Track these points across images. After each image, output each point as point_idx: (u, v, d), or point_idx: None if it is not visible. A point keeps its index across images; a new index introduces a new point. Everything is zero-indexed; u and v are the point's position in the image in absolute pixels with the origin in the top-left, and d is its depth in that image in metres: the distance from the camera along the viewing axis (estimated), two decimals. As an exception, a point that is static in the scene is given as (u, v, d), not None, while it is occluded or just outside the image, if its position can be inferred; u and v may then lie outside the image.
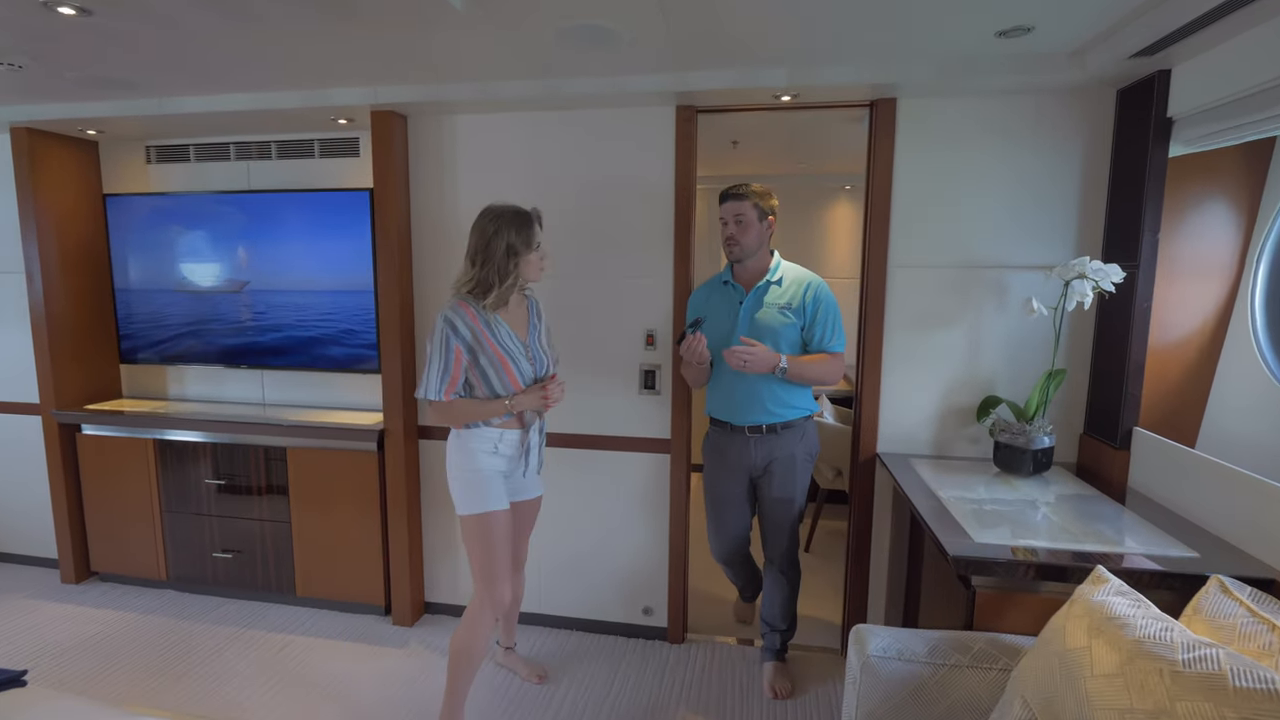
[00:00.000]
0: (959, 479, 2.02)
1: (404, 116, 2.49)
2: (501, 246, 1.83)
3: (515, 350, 1.92)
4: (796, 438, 2.16)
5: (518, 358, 1.92)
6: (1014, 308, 2.17)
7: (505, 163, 2.47)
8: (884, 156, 2.19)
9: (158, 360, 3.03)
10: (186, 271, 2.93)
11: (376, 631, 2.66)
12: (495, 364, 1.88)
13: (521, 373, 1.92)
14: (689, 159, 2.32)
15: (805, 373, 2.06)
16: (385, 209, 2.47)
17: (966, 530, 1.62)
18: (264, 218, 2.82)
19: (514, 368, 1.91)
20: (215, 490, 2.82)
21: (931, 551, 2.20)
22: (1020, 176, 2.13)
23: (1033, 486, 1.94)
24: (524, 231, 1.84)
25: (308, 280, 2.80)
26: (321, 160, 2.83)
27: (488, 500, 1.93)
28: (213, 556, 2.86)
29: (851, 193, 4.41)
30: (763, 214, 2.10)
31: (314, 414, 2.84)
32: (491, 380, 1.90)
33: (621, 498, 2.56)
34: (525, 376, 1.93)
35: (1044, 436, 1.96)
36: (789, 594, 2.28)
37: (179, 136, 2.93)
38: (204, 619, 2.75)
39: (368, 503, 2.67)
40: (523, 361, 1.93)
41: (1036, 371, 2.17)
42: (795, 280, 2.12)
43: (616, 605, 2.62)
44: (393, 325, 2.53)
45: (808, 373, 2.07)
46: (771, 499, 2.21)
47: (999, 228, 2.16)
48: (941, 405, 2.25)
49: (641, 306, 2.45)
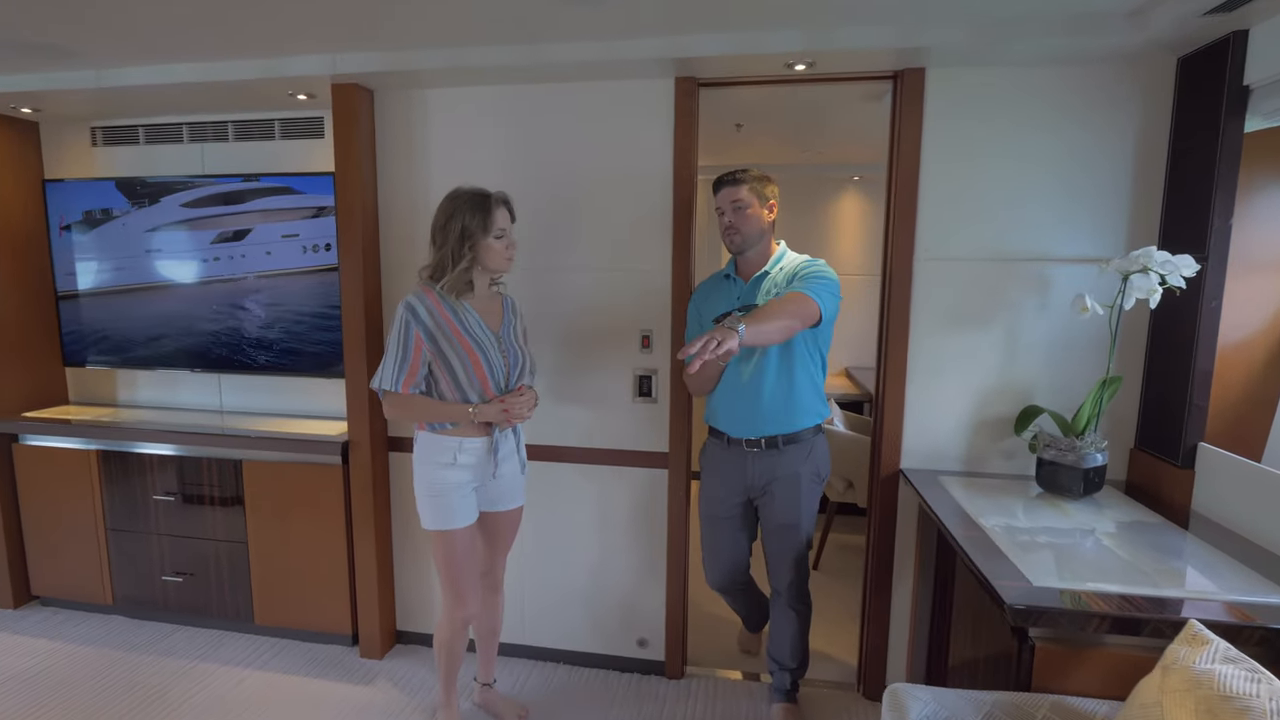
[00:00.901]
0: (997, 501, 1.77)
1: (370, 91, 2.22)
2: (457, 229, 1.70)
3: (485, 340, 1.75)
4: (802, 454, 1.90)
5: (488, 348, 1.75)
6: (1057, 306, 1.92)
7: (482, 143, 2.21)
8: (910, 135, 1.93)
9: (106, 363, 2.76)
10: (136, 265, 2.65)
11: (342, 665, 2.40)
12: (461, 354, 1.71)
13: (491, 364, 1.74)
14: (689, 138, 2.06)
15: (764, 324, 1.59)
16: (348, 193, 2.21)
17: (1019, 568, 1.37)
18: (220, 206, 2.55)
19: (482, 358, 1.73)
20: (164, 507, 2.55)
21: (966, 581, 1.94)
22: (1064, 158, 1.88)
23: (1085, 511, 1.69)
24: (480, 215, 1.69)
25: (269, 274, 2.54)
26: (283, 142, 2.56)
27: (449, 516, 1.78)
28: (162, 579, 2.59)
29: (860, 184, 4.16)
30: (763, 200, 1.86)
31: (276, 423, 2.58)
32: (458, 373, 1.72)
33: (613, 517, 2.30)
34: (496, 369, 1.75)
35: (1096, 453, 1.71)
36: (798, 629, 2.03)
37: (126, 116, 2.66)
38: (152, 649, 2.48)
39: (332, 521, 2.40)
40: (493, 352, 1.75)
41: (1083, 378, 1.92)
42: (794, 265, 1.88)
43: (608, 636, 2.36)
44: (356, 322, 2.26)
45: (767, 322, 1.60)
46: (773, 525, 1.96)
47: (1040, 216, 1.91)
48: (974, 416, 2.00)
49: (636, 304, 2.19)
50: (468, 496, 1.82)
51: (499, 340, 1.78)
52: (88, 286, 2.70)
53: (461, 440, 1.78)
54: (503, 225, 1.72)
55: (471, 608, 1.86)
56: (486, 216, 1.69)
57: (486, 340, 1.76)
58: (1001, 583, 1.30)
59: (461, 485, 1.80)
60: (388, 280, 2.35)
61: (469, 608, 1.86)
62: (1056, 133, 1.87)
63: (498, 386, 1.77)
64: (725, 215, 1.86)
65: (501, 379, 1.77)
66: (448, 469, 1.78)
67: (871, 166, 3.98)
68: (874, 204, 4.18)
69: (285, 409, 2.72)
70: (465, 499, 1.81)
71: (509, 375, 1.79)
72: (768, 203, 1.87)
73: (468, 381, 1.74)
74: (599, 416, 2.26)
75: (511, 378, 1.79)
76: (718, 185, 1.87)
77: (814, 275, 1.79)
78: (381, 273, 2.34)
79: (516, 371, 1.80)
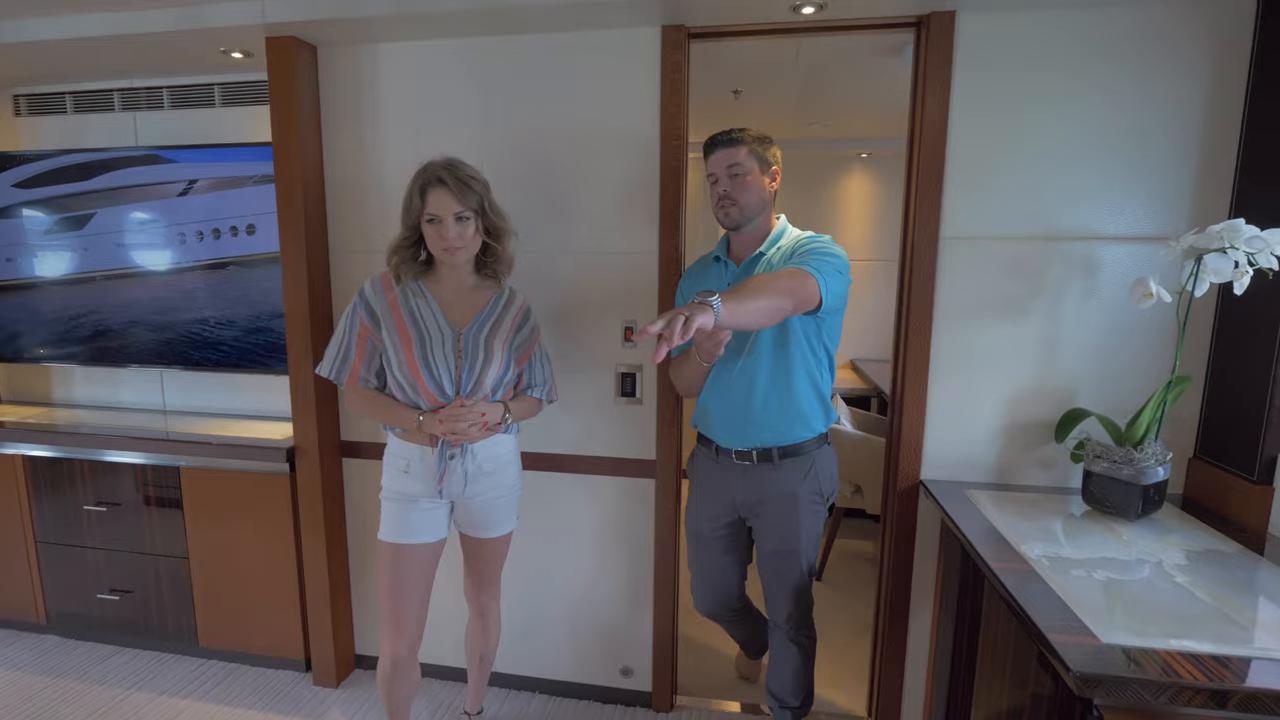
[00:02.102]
0: (1037, 522, 1.50)
1: (312, 47, 1.93)
2: (408, 203, 1.48)
3: (430, 328, 1.50)
4: (800, 471, 1.62)
5: (430, 340, 1.49)
6: (1108, 292, 1.64)
7: (441, 108, 1.92)
8: (938, 91, 1.65)
9: (36, 357, 2.49)
10: (65, 249, 2.38)
11: (292, 695, 2.14)
12: (395, 341, 1.49)
13: (430, 360, 1.48)
14: (678, 97, 1.78)
15: (747, 300, 1.21)
16: (287, 165, 1.92)
17: (1077, 614, 1.10)
18: (155, 181, 2.27)
19: (416, 349, 1.48)
20: (97, 518, 2.29)
21: (997, 612, 1.68)
22: (1118, 117, 1.59)
23: (1145, 535, 1.42)
24: (415, 192, 1.46)
25: (212, 260, 2.26)
26: (224, 110, 2.28)
27: (396, 528, 1.57)
28: (98, 598, 2.34)
29: (869, 162, 3.87)
30: (764, 164, 1.57)
31: (222, 424, 2.31)
32: (391, 364, 1.50)
33: (594, 532, 2.04)
34: (436, 367, 1.49)
35: (1159, 467, 1.44)
36: (800, 664, 1.77)
37: (50, 81, 2.37)
38: (85, 676, 2.23)
39: (280, 535, 2.14)
40: (437, 347, 1.49)
41: (1138, 377, 1.64)
42: (793, 242, 1.57)
43: (588, 663, 2.11)
44: (300, 312, 1.99)
45: (751, 299, 1.22)
46: (768, 552, 1.69)
47: (1088, 186, 1.63)
48: (1007, 420, 1.73)
49: (618, 290, 1.91)
50: (427, 512, 1.58)
51: (458, 336, 1.52)
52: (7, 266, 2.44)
53: (422, 449, 1.55)
54: (435, 210, 1.43)
55: (402, 647, 1.59)
56: (418, 196, 1.45)
57: (434, 331, 1.50)
58: (1061, 638, 1.04)
59: (416, 498, 1.56)
60: (337, 263, 2.07)
61: (400, 644, 1.59)
62: (1108, 87, 1.59)
63: (438, 388, 1.51)
64: (719, 183, 1.58)
65: (447, 381, 1.50)
66: (402, 476, 1.57)
67: (882, 141, 3.68)
68: (883, 183, 3.89)
69: (236, 408, 2.45)
70: (422, 514, 1.57)
71: (459, 378, 1.51)
72: (770, 169, 1.59)
73: (403, 377, 1.50)
74: (577, 419, 1.99)
75: (465, 383, 1.52)
76: (710, 146, 1.59)
77: (817, 251, 1.48)
78: (329, 254, 2.06)
79: (471, 377, 1.52)
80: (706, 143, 1.59)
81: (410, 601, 1.58)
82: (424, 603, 1.62)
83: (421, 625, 1.63)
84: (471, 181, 1.45)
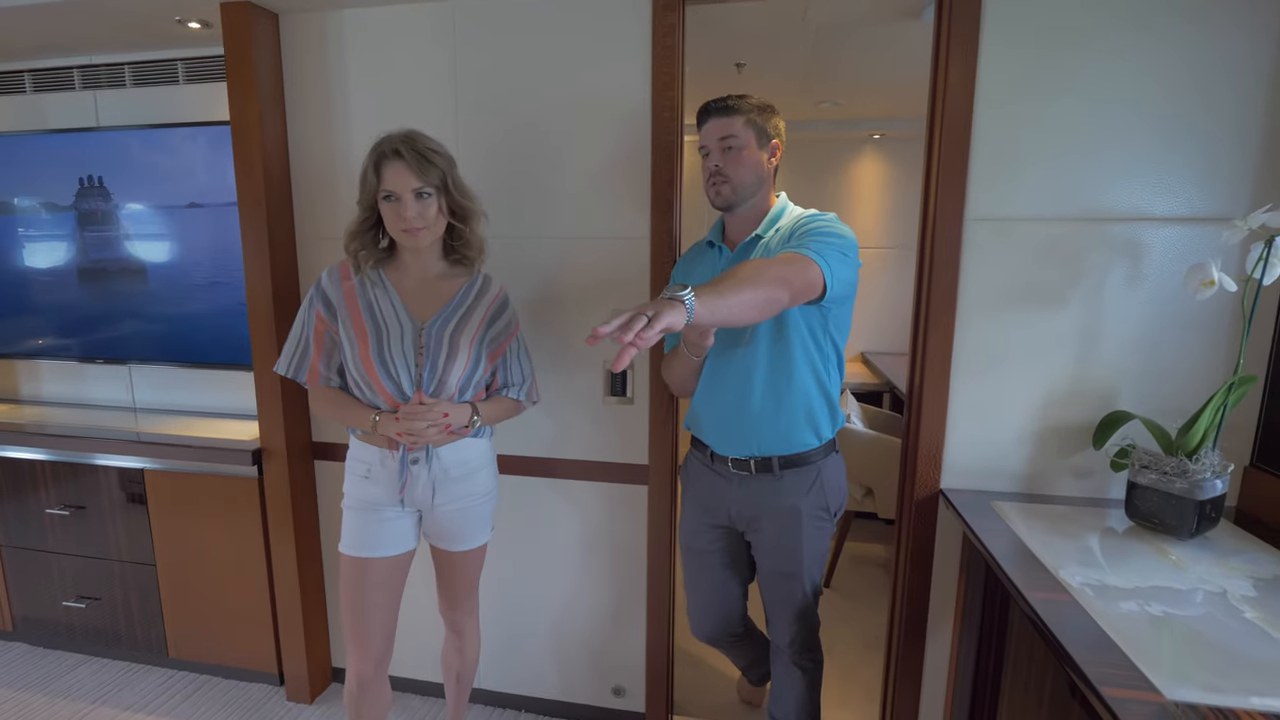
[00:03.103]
0: (1074, 539, 1.33)
1: (273, 15, 1.77)
2: (363, 181, 1.33)
3: (391, 326, 1.35)
4: (804, 483, 1.45)
5: (387, 332, 1.34)
6: (1155, 279, 1.46)
7: (412, 77, 1.75)
8: (963, 54, 1.46)
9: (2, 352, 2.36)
10: (21, 236, 2.24)
11: (264, 710, 2.01)
12: (352, 336, 1.35)
13: (386, 354, 1.34)
14: (670, 63, 1.60)
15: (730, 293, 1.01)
16: (246, 143, 1.77)
17: (1133, 660, 0.93)
18: (115, 165, 2.13)
19: (372, 344, 1.34)
20: (60, 521, 2.16)
21: (1025, 635, 1.51)
22: (1169, 81, 1.40)
23: (1203, 558, 1.24)
24: (370, 167, 1.31)
25: (177, 248, 2.12)
26: (187, 86, 2.12)
27: (355, 539, 1.44)
28: (64, 605, 2.22)
29: (881, 144, 3.66)
30: (764, 136, 1.40)
31: (191, 423, 2.17)
32: (347, 358, 1.37)
33: (582, 541, 1.88)
34: (392, 362, 1.34)
35: (1216, 480, 1.26)
36: (805, 689, 1.61)
37: (6, 60, 2.23)
38: (49, 688, 2.11)
39: (249, 542, 2.01)
40: (394, 340, 1.34)
41: (1187, 376, 1.46)
42: (793, 222, 1.39)
43: (577, 682, 1.96)
44: (263, 304, 1.84)
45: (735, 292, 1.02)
46: (768, 572, 1.53)
47: (1132, 161, 1.44)
48: (1037, 423, 1.55)
49: (606, 279, 1.75)
50: (389, 522, 1.43)
51: (419, 329, 1.36)
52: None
53: (383, 453, 1.40)
54: (392, 187, 1.28)
55: (367, 666, 1.46)
56: (376, 169, 1.29)
57: (392, 325, 1.35)
58: (1116, 693, 0.87)
59: (379, 506, 1.42)
60: (304, 250, 1.91)
61: (365, 663, 1.46)
62: (1159, 45, 1.39)
63: (396, 388, 1.36)
64: (712, 156, 1.40)
65: (406, 380, 1.36)
66: (363, 482, 1.43)
67: (896, 122, 3.48)
68: (897, 166, 3.68)
69: (208, 406, 2.32)
70: (385, 524, 1.43)
71: (417, 374, 1.36)
72: (769, 143, 1.41)
73: (358, 374, 1.37)
74: (564, 419, 1.83)
75: (427, 383, 1.37)
76: (703, 115, 1.41)
77: (818, 231, 1.29)
78: (296, 240, 1.91)
79: (434, 376, 1.37)
80: (701, 110, 1.42)
81: (374, 619, 1.44)
82: (390, 619, 1.48)
83: (389, 642, 1.50)
84: (433, 155, 1.29)
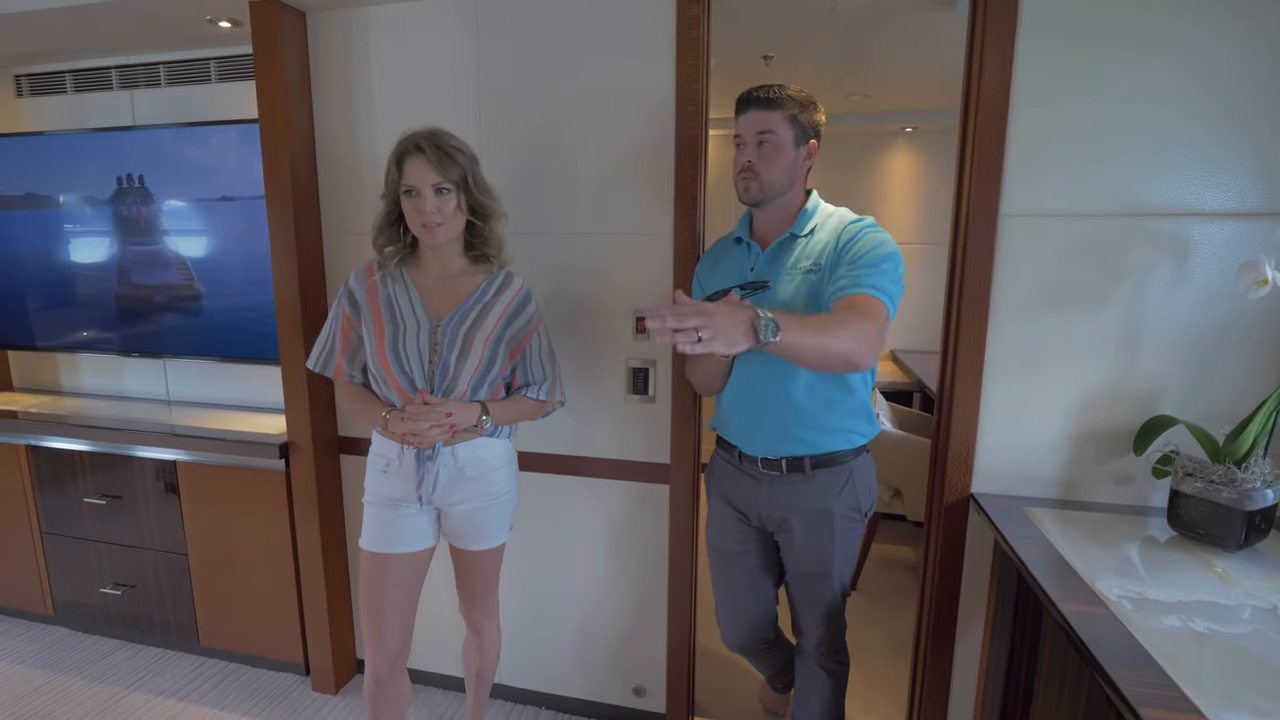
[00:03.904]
0: (1112, 548, 1.28)
1: (300, 13, 1.79)
2: (387, 178, 1.34)
3: (407, 320, 1.36)
4: (836, 484, 1.42)
5: (404, 329, 1.35)
6: (1202, 278, 1.39)
7: (435, 73, 1.76)
8: (999, 40, 1.40)
9: (41, 345, 2.43)
10: (66, 233, 2.31)
11: (289, 700, 2.05)
12: (370, 329, 1.37)
13: (401, 350, 1.35)
14: (695, 56, 1.57)
15: (806, 340, 1.02)
16: (274, 139, 1.79)
17: (1175, 680, 0.89)
18: (152, 162, 2.17)
19: (389, 340, 1.35)
20: (98, 510, 2.23)
21: (1057, 641, 1.46)
22: (1219, 65, 1.33)
23: (1251, 572, 1.18)
24: (393, 163, 1.32)
25: (210, 243, 2.16)
26: (219, 85, 2.16)
27: (374, 534, 1.45)
28: (101, 591, 2.28)
29: (914, 137, 3.58)
30: (802, 134, 1.36)
31: (223, 416, 2.22)
32: (367, 352, 1.39)
33: (604, 540, 1.87)
34: (407, 358, 1.35)
35: (1267, 489, 1.20)
36: (830, 693, 1.58)
37: (48, 60, 2.29)
38: (86, 671, 2.18)
39: (277, 534, 2.04)
40: (409, 337, 1.35)
41: (1235, 379, 1.39)
42: (834, 229, 1.36)
43: (599, 682, 1.96)
44: (290, 300, 1.86)
45: (814, 339, 1.04)
46: (797, 573, 1.50)
47: (1176, 154, 1.37)
48: (1075, 427, 1.49)
49: (628, 278, 1.73)
50: (409, 518, 1.44)
51: (436, 326, 1.36)
52: (12, 251, 2.38)
53: (401, 447, 1.41)
54: (413, 182, 1.29)
55: (384, 664, 1.47)
56: (398, 164, 1.31)
57: (409, 321, 1.36)
58: (1157, 715, 0.83)
59: (398, 502, 1.43)
60: (331, 246, 1.93)
61: (382, 660, 1.47)
62: (1207, 28, 1.32)
63: (407, 381, 1.37)
64: (745, 150, 1.36)
65: (419, 376, 1.36)
66: (382, 477, 1.44)
67: (928, 114, 3.39)
68: (930, 160, 3.59)
69: (240, 399, 2.36)
70: (404, 519, 1.44)
71: (431, 372, 1.37)
72: (807, 142, 1.37)
73: (374, 368, 1.39)
74: (585, 418, 1.82)
75: (438, 380, 1.37)
76: (743, 104, 1.37)
77: (871, 259, 1.24)
78: (324, 237, 1.93)
79: (445, 374, 1.36)
80: (740, 98, 1.38)
81: (392, 616, 1.45)
82: (408, 617, 1.49)
83: (406, 639, 1.51)
84: (454, 152, 1.30)
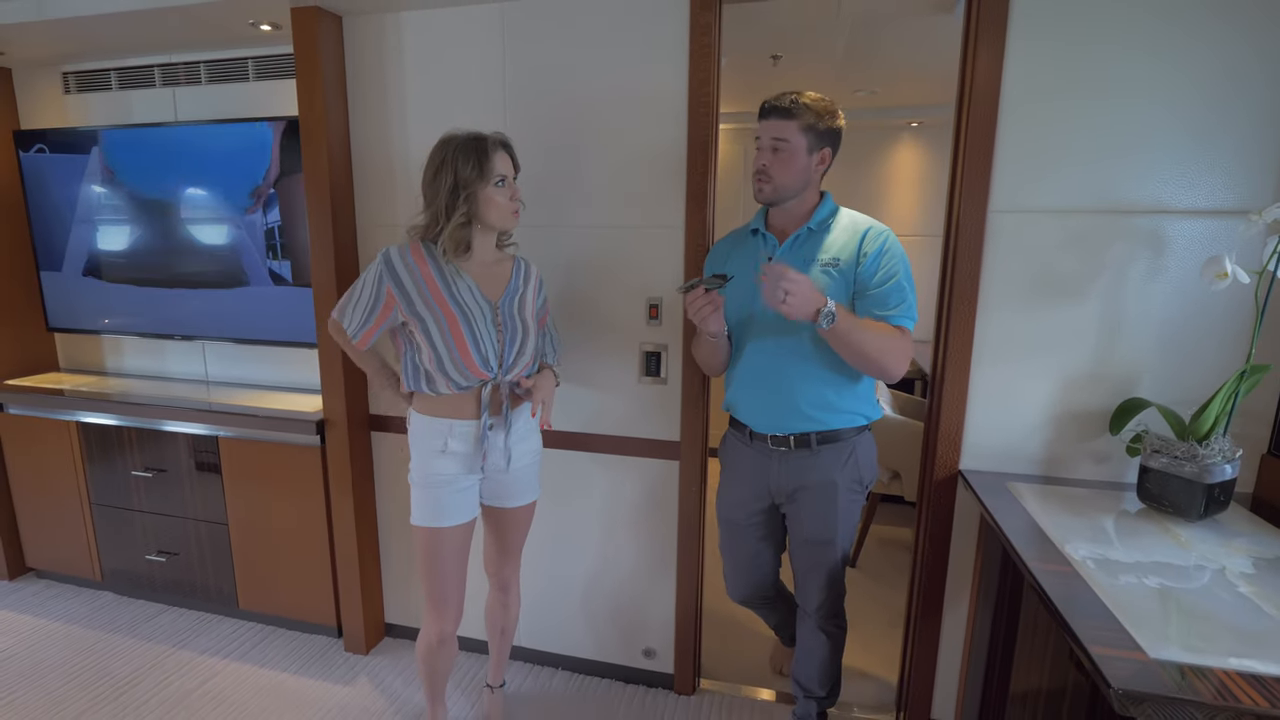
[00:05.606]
0: (1086, 519, 1.40)
1: (337, 17, 1.91)
2: (448, 181, 1.43)
3: (474, 309, 1.48)
4: (839, 458, 1.55)
5: (474, 316, 1.47)
6: (1175, 272, 1.50)
7: (464, 75, 1.88)
8: (990, 45, 1.51)
9: (86, 328, 2.59)
10: (110, 222, 2.45)
11: (325, 659, 2.21)
12: (440, 319, 1.45)
13: (477, 335, 1.47)
14: (707, 62, 1.68)
15: (855, 338, 1.37)
16: (314, 140, 1.92)
17: (1123, 624, 1.01)
18: (190, 158, 2.30)
19: (464, 326, 1.45)
20: (143, 483, 2.39)
21: (1035, 606, 1.59)
22: (1196, 74, 1.43)
23: (1207, 539, 1.30)
24: (475, 160, 1.43)
25: (246, 236, 2.29)
26: (257, 84, 2.28)
27: (435, 512, 1.55)
28: (147, 558, 2.45)
29: (919, 131, 3.66)
30: (816, 142, 1.47)
31: (259, 396, 2.36)
32: (435, 340, 1.46)
33: (617, 512, 2.01)
34: (484, 342, 1.48)
35: (1226, 464, 1.32)
36: (829, 654, 1.71)
37: (94, 58, 2.43)
38: (134, 632, 2.34)
39: (312, 506, 2.19)
40: (481, 323, 1.47)
41: (1205, 365, 1.50)
42: (849, 229, 1.49)
43: (610, 643, 2.10)
44: (328, 289, 2.00)
45: (858, 339, 1.38)
46: (801, 540, 1.63)
47: (1157, 154, 1.47)
48: (1056, 408, 1.61)
49: (642, 267, 1.85)
50: (463, 491, 1.56)
51: (495, 310, 1.50)
52: (60, 240, 2.53)
53: (452, 424, 1.53)
54: (503, 171, 1.46)
55: (448, 622, 1.61)
56: (484, 161, 1.43)
57: (476, 309, 1.48)
58: (1102, 651, 0.95)
59: (454, 478, 1.55)
60: (365, 240, 2.06)
61: (446, 621, 1.61)
62: (1188, 36, 1.42)
63: (484, 363, 1.49)
64: (761, 154, 1.49)
65: (492, 355, 1.49)
66: (438, 457, 1.54)
67: (933, 108, 3.48)
68: (935, 153, 3.68)
69: (275, 380, 2.50)
70: (459, 494, 1.56)
71: (502, 352, 1.51)
72: (820, 151, 1.48)
73: (446, 352, 1.46)
74: (599, 398, 1.95)
75: (507, 356, 1.51)
76: (764, 112, 1.49)
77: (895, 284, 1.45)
78: (358, 232, 2.06)
79: (514, 349, 1.52)
80: (761, 106, 1.50)
81: (452, 581, 1.59)
82: (464, 582, 1.64)
83: (462, 602, 1.65)
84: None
